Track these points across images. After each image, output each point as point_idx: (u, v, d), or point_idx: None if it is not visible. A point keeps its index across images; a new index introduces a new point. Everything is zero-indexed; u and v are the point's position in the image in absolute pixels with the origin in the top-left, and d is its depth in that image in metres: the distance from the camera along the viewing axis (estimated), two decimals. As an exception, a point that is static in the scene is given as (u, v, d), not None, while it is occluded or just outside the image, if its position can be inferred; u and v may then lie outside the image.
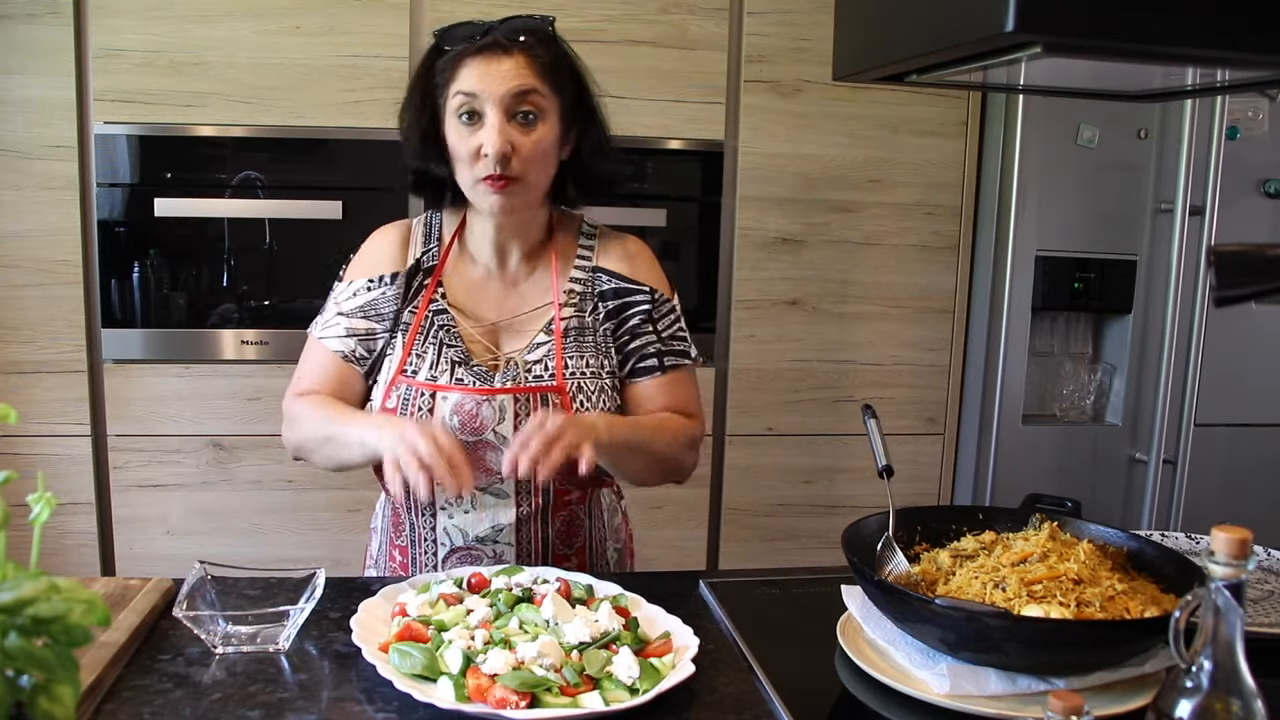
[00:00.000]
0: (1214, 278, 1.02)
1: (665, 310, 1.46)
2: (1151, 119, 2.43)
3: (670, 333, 1.46)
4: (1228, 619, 0.74)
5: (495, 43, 1.29)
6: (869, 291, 2.53)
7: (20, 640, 0.72)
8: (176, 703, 0.98)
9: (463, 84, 1.30)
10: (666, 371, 1.44)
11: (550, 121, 1.32)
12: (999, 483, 2.52)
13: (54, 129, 2.19)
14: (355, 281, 1.42)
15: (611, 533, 1.50)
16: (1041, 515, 1.27)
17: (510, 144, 1.29)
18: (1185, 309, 2.45)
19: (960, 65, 1.02)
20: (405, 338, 1.38)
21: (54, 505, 0.88)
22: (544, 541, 1.40)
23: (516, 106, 1.29)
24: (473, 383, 1.35)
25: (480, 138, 1.29)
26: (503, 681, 0.96)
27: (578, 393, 1.37)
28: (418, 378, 1.36)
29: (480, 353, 1.38)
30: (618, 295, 1.44)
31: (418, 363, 1.37)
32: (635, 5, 2.33)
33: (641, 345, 1.43)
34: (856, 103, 2.44)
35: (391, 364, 1.38)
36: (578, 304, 1.42)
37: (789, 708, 1.00)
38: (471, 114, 1.30)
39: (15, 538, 0.86)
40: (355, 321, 1.41)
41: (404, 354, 1.37)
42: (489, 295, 1.42)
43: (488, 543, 1.38)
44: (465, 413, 1.33)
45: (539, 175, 1.34)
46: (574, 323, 1.40)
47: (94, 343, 2.27)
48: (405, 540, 1.42)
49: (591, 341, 1.41)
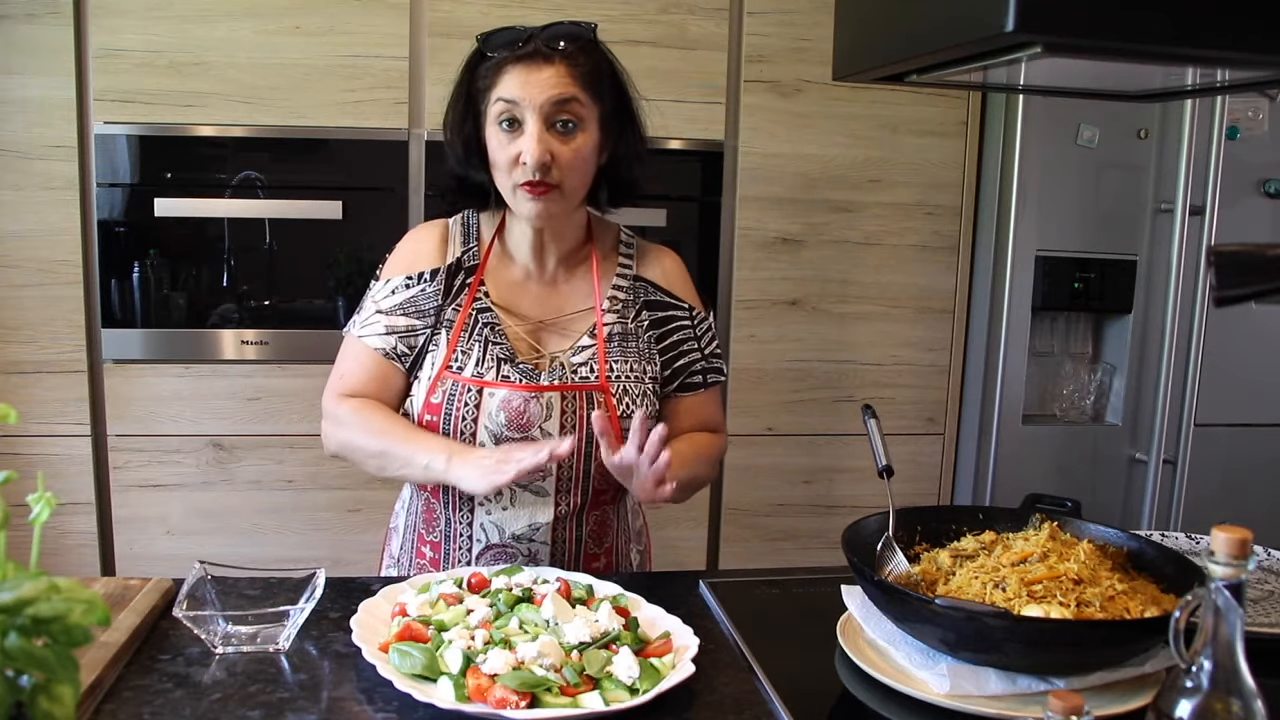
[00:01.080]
0: (1214, 278, 1.02)
1: (705, 328, 1.50)
2: (1151, 119, 2.43)
3: (711, 349, 1.50)
4: (1228, 619, 0.74)
5: (537, 50, 1.30)
6: (869, 291, 2.53)
7: (20, 640, 0.72)
8: (176, 703, 0.98)
9: (504, 91, 1.31)
10: (708, 388, 1.49)
11: (589, 129, 1.34)
12: (999, 483, 2.52)
13: (54, 129, 2.19)
14: (393, 280, 1.43)
15: (634, 535, 1.52)
16: (1041, 515, 1.27)
17: (549, 152, 1.30)
18: (1185, 309, 2.45)
19: (960, 65, 1.02)
20: (450, 334, 1.39)
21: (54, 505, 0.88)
22: (577, 541, 1.41)
23: (556, 115, 1.31)
24: (519, 380, 1.36)
25: (520, 145, 1.30)
26: (503, 681, 0.96)
27: (623, 395, 1.39)
28: (464, 374, 1.37)
29: (524, 351, 1.40)
30: (662, 308, 1.47)
31: (463, 359, 1.38)
32: (635, 5, 2.33)
33: (688, 362, 1.47)
34: (856, 103, 2.44)
35: (435, 360, 1.39)
36: (620, 310, 1.44)
37: (789, 708, 1.00)
38: (512, 121, 1.31)
39: (15, 538, 0.86)
40: (395, 319, 1.41)
41: (449, 350, 1.39)
42: (529, 295, 1.44)
43: (523, 540, 1.38)
44: (512, 409, 1.35)
45: (577, 183, 1.36)
46: (617, 328, 1.42)
47: (94, 343, 2.27)
48: (439, 536, 1.43)
49: (635, 347, 1.43)
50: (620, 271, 1.46)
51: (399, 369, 1.42)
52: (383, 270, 1.45)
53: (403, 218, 2.30)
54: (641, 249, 1.51)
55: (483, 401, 1.35)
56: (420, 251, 1.44)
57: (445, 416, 1.36)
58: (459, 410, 1.35)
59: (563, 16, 2.28)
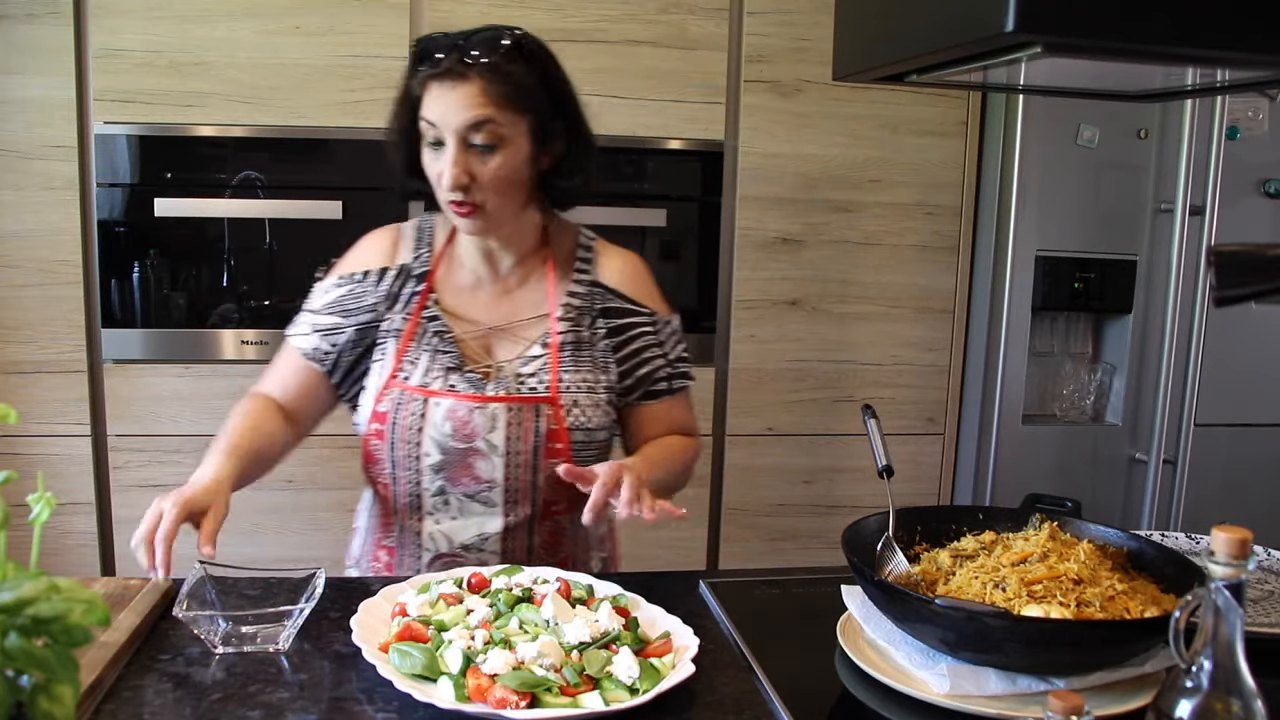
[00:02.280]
0: (1214, 278, 1.02)
1: (670, 332, 1.47)
2: (1151, 119, 2.43)
3: (676, 354, 1.47)
4: (1228, 619, 0.74)
5: (452, 68, 1.26)
6: (869, 291, 2.53)
7: (20, 640, 0.72)
8: (176, 703, 0.98)
9: (426, 110, 1.29)
10: (674, 394, 1.47)
11: (513, 146, 1.30)
12: (999, 483, 2.52)
13: (54, 129, 2.19)
14: (327, 280, 1.43)
15: (596, 543, 1.50)
16: (1041, 515, 1.27)
17: (468, 173, 1.28)
18: (1185, 309, 2.45)
19: (960, 65, 1.02)
20: (398, 343, 1.37)
21: (54, 505, 0.88)
22: (528, 551, 1.39)
23: (473, 136, 1.27)
24: (466, 389, 1.34)
25: (441, 165, 1.28)
26: (503, 681, 0.96)
27: (573, 406, 1.36)
28: (410, 383, 1.35)
29: (474, 357, 1.38)
30: (620, 315, 1.43)
31: (410, 368, 1.36)
32: (635, 5, 2.33)
33: (652, 370, 1.45)
34: (856, 103, 2.44)
35: (383, 369, 1.38)
36: (575, 318, 1.41)
37: (789, 708, 1.00)
38: (437, 141, 1.29)
39: (15, 538, 0.86)
40: (321, 318, 1.40)
41: (396, 360, 1.37)
42: (480, 301, 1.41)
43: (472, 550, 1.37)
44: (457, 419, 1.33)
45: (502, 201, 1.32)
46: (570, 336, 1.39)
47: (94, 343, 2.27)
48: (393, 540, 1.42)
49: (589, 355, 1.40)
50: (577, 278, 1.43)
51: (319, 371, 1.40)
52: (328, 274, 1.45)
53: (403, 218, 2.28)
54: (600, 253, 1.46)
55: (428, 411, 1.33)
56: (363, 254, 1.43)
57: (391, 426, 1.34)
58: (404, 420, 1.34)
59: (561, 16, 2.30)
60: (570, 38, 2.31)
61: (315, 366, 1.40)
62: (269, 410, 1.37)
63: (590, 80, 2.38)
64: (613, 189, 2.39)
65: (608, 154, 2.37)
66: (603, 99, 2.35)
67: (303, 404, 1.41)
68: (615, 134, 2.36)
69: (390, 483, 1.38)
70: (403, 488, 1.37)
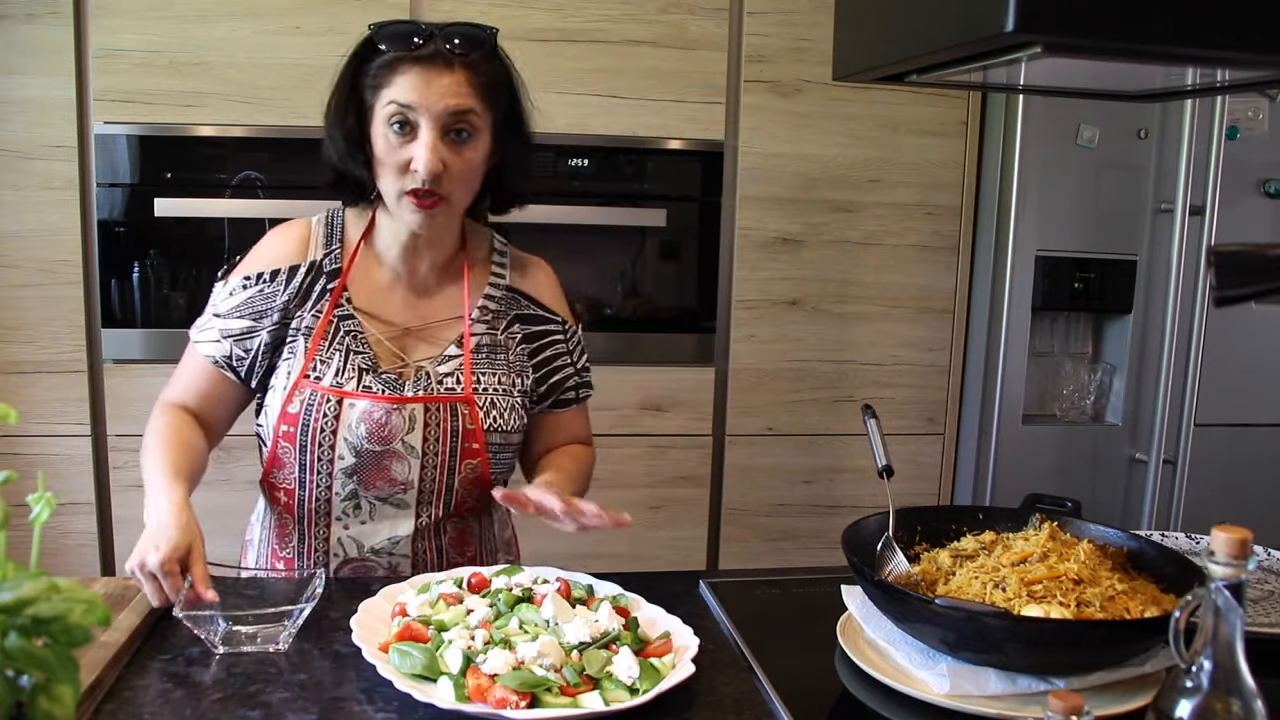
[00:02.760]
0: (1214, 278, 1.02)
1: (576, 342, 1.49)
2: (1151, 119, 2.43)
3: (582, 364, 1.50)
4: (1228, 619, 0.74)
5: (437, 53, 1.24)
6: (869, 291, 2.53)
7: (20, 640, 0.72)
8: (176, 703, 0.98)
9: (398, 93, 1.24)
10: (580, 402, 1.50)
11: (482, 140, 1.29)
12: (999, 483, 2.52)
13: (54, 129, 2.19)
14: (231, 281, 1.37)
15: (502, 545, 1.49)
16: (1041, 515, 1.27)
17: (441, 161, 1.25)
18: (1185, 309, 2.45)
19: (960, 65, 1.02)
20: (308, 343, 1.33)
21: (54, 505, 0.88)
22: (438, 551, 1.38)
23: (452, 124, 1.25)
24: (382, 390, 1.32)
25: (411, 151, 1.25)
26: (503, 681, 0.96)
27: (491, 408, 1.35)
28: (322, 383, 1.32)
29: (387, 358, 1.35)
30: (534, 321, 1.44)
31: (322, 368, 1.32)
32: (635, 5, 2.33)
33: (563, 379, 1.46)
34: (856, 103, 2.44)
35: (292, 369, 1.33)
36: (490, 320, 1.40)
37: (789, 708, 1.00)
38: (404, 124, 1.25)
39: (15, 538, 0.86)
40: (231, 322, 1.36)
41: (306, 359, 1.33)
42: (396, 300, 1.38)
43: (383, 554, 1.36)
44: (374, 421, 1.31)
45: (465, 194, 1.31)
46: (486, 339, 1.39)
47: (94, 343, 2.27)
48: (291, 552, 1.39)
49: (504, 359, 1.39)
50: (492, 281, 1.42)
51: (230, 379, 1.36)
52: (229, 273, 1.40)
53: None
54: (515, 259, 1.46)
55: (342, 412, 1.30)
56: (269, 252, 1.38)
57: (303, 428, 1.31)
58: (317, 421, 1.30)
59: (561, 17, 2.30)
60: (570, 38, 2.32)
61: (227, 374, 1.36)
62: (187, 423, 1.35)
63: (590, 80, 2.40)
64: (613, 189, 2.39)
65: (608, 154, 2.37)
66: (603, 99, 2.35)
67: (215, 410, 1.39)
68: (615, 134, 2.36)
69: (295, 487, 1.35)
70: (310, 492, 1.34)
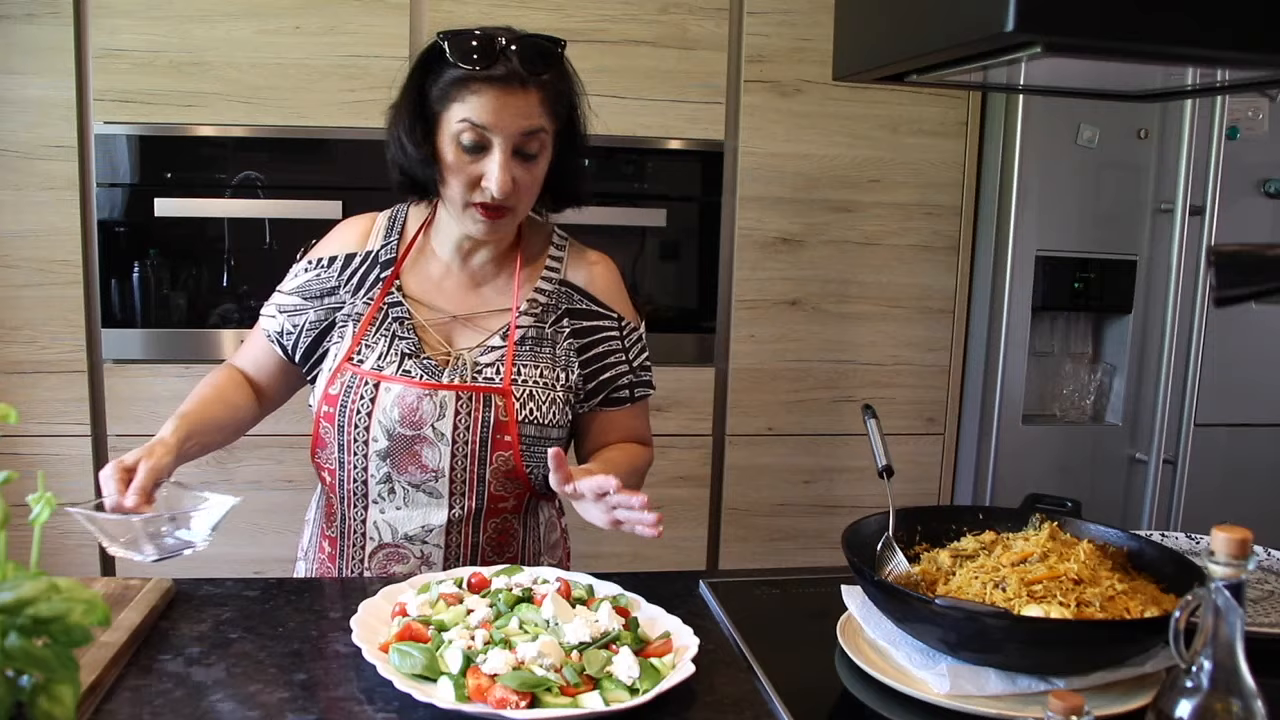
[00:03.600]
0: (1214, 278, 1.02)
1: (634, 340, 1.47)
2: (1151, 119, 2.43)
3: (640, 362, 1.47)
4: (1228, 619, 0.74)
5: (512, 74, 1.25)
6: (869, 291, 2.53)
7: (20, 640, 0.72)
8: (176, 703, 0.98)
9: (471, 112, 1.26)
10: (636, 402, 1.47)
11: (548, 152, 1.33)
12: (999, 483, 2.53)
13: (54, 129, 2.19)
14: (300, 264, 1.46)
15: (548, 549, 1.48)
16: (1041, 515, 1.27)
17: (512, 180, 1.28)
18: (1185, 309, 2.45)
19: (960, 65, 1.01)
20: (356, 327, 1.38)
21: (54, 505, 0.88)
22: (474, 547, 1.38)
23: (524, 145, 1.28)
24: (420, 375, 1.34)
25: (482, 168, 1.28)
26: (503, 681, 0.96)
27: (528, 400, 1.35)
28: (363, 366, 1.35)
29: (434, 345, 1.38)
30: (586, 317, 1.43)
31: (366, 352, 1.36)
32: (635, 5, 2.33)
33: (614, 376, 1.44)
34: (856, 103, 2.44)
35: (339, 352, 1.38)
36: (539, 314, 1.40)
37: (789, 708, 1.00)
38: (477, 144, 1.27)
39: (15, 538, 0.86)
40: (286, 299, 1.44)
41: (353, 343, 1.37)
42: (447, 290, 1.41)
43: (416, 542, 1.37)
44: (406, 405, 1.33)
45: (529, 204, 1.35)
46: (532, 332, 1.39)
47: (94, 343, 2.27)
48: (335, 531, 1.42)
49: (549, 353, 1.39)
50: (545, 275, 1.43)
51: (277, 354, 1.43)
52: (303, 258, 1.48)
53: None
54: (573, 253, 1.46)
55: (378, 396, 1.33)
56: (335, 240, 1.46)
57: (341, 409, 1.34)
58: (354, 403, 1.34)
59: (561, 17, 2.30)
60: (570, 38, 2.27)
61: (276, 347, 1.43)
62: (235, 382, 1.42)
63: (590, 80, 2.38)
64: (613, 189, 2.39)
65: (608, 154, 2.37)
66: (603, 99, 2.34)
67: (270, 380, 1.46)
68: (615, 134, 2.35)
69: (337, 468, 1.38)
70: (349, 473, 1.37)
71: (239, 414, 1.39)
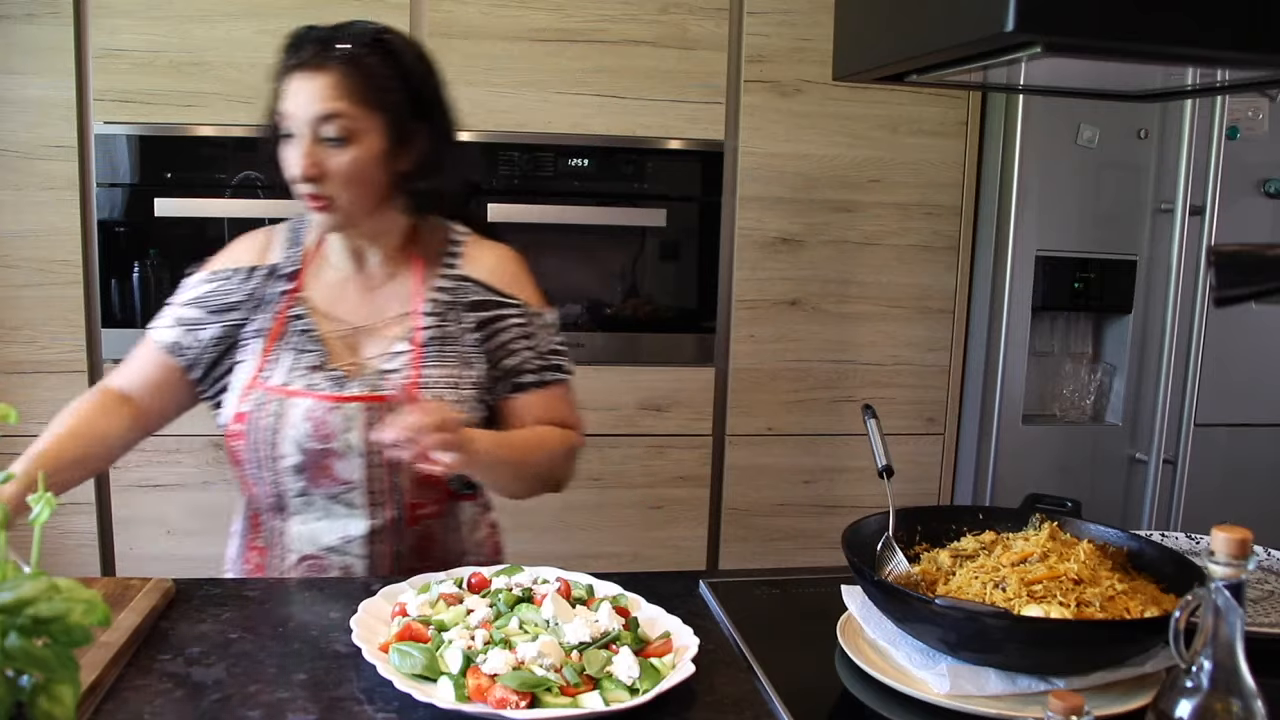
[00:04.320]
0: (1214, 278, 1.02)
1: (540, 325, 1.43)
2: (1151, 119, 2.43)
3: (550, 348, 1.43)
4: (1228, 619, 0.74)
5: (312, 58, 1.27)
6: (869, 291, 2.53)
7: (20, 640, 0.72)
8: (176, 703, 0.98)
9: (283, 102, 1.29)
10: (545, 386, 1.42)
11: (367, 141, 1.29)
12: (999, 483, 2.52)
13: (54, 129, 2.19)
14: (195, 276, 1.43)
15: (473, 547, 1.46)
16: (1041, 515, 1.27)
17: (317, 165, 1.27)
18: (1185, 309, 2.45)
19: (960, 65, 1.02)
20: (263, 343, 1.36)
21: (54, 505, 0.88)
22: (395, 556, 1.37)
23: (323, 129, 1.27)
24: (328, 388, 1.32)
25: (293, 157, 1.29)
26: (503, 681, 0.96)
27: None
28: (270, 383, 1.34)
29: (340, 356, 1.36)
30: (488, 307, 1.40)
31: (272, 368, 1.34)
32: (635, 5, 2.33)
33: (519, 362, 1.41)
34: (856, 103, 2.44)
35: (248, 370, 1.36)
36: (441, 313, 1.38)
37: (789, 708, 1.00)
38: (287, 132, 1.29)
39: (15, 538, 0.86)
40: (184, 310, 1.39)
41: (260, 360, 1.35)
42: (347, 298, 1.40)
43: (336, 552, 1.36)
44: (315, 419, 1.31)
45: (354, 196, 1.31)
46: (436, 332, 1.37)
47: (94, 343, 2.27)
48: (262, 541, 1.41)
49: (455, 351, 1.38)
50: (444, 272, 1.40)
51: (176, 368, 1.38)
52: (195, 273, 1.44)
53: (403, 218, 2.30)
54: (472, 248, 1.44)
55: (286, 411, 1.31)
56: (235, 253, 1.44)
57: (251, 426, 1.33)
58: (263, 420, 1.32)
59: (561, 17, 2.30)
60: (570, 38, 2.32)
61: (174, 361, 1.38)
62: (103, 409, 1.35)
63: (590, 80, 2.40)
64: (613, 189, 2.39)
65: (608, 154, 2.38)
66: (603, 99, 2.35)
67: (156, 399, 1.39)
68: (615, 134, 2.36)
69: (255, 483, 1.37)
70: (266, 488, 1.36)
71: (107, 443, 1.34)
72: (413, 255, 1.41)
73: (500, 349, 1.41)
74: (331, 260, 1.42)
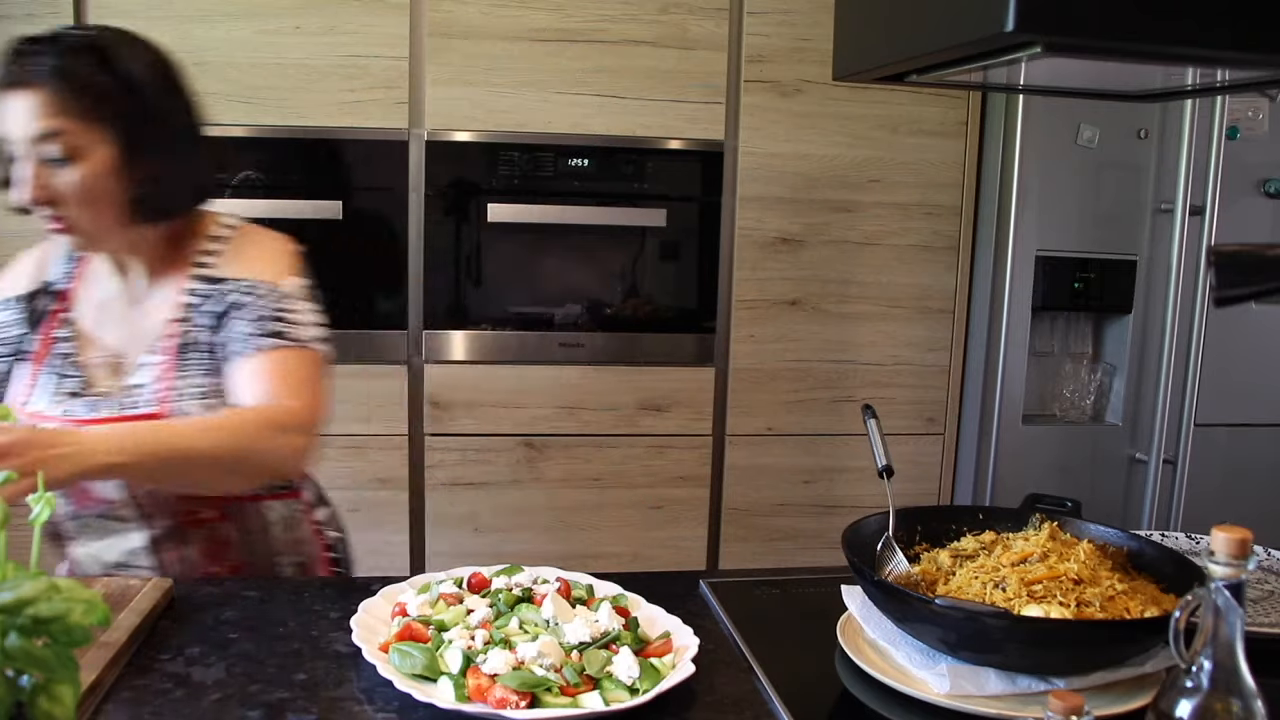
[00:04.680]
0: (1214, 278, 1.02)
1: (264, 293, 1.30)
2: (1151, 119, 2.43)
3: (268, 314, 1.29)
4: (1228, 619, 0.74)
5: (16, 77, 1.19)
6: (869, 291, 2.53)
7: (20, 640, 0.72)
8: (176, 703, 0.98)
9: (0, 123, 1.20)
10: (254, 355, 1.27)
11: (95, 156, 1.21)
12: (999, 483, 2.53)
13: (54, 129, 2.18)
14: None
15: (289, 546, 1.40)
16: (1041, 515, 1.27)
17: (46, 189, 1.20)
18: (1185, 309, 2.45)
19: (960, 65, 1.02)
20: (30, 368, 1.31)
21: (54, 505, 0.88)
22: (184, 561, 1.33)
23: (44, 149, 1.19)
24: (81, 413, 1.27)
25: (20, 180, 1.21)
26: (503, 681, 0.96)
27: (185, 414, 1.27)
28: (28, 409, 1.28)
29: (100, 379, 1.30)
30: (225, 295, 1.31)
31: (35, 394, 1.29)
32: (635, 5, 2.33)
33: (234, 335, 1.29)
34: (856, 103, 2.44)
35: (14, 397, 1.31)
36: (190, 318, 1.30)
37: (789, 708, 1.00)
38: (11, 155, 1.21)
39: (15, 538, 0.86)
40: None
41: (25, 386, 1.31)
42: (114, 314, 1.34)
43: (125, 568, 1.32)
44: None
45: (93, 215, 1.24)
46: (186, 339, 1.30)
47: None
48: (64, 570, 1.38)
49: (205, 357, 1.30)
50: (197, 272, 1.32)
51: None
52: None
53: (403, 218, 2.30)
54: (236, 241, 1.35)
55: None
56: (12, 278, 1.37)
57: None
58: None
59: (561, 17, 2.30)
60: (570, 38, 2.32)
61: None
62: None
63: (590, 80, 2.40)
64: (613, 189, 2.39)
65: (608, 154, 2.38)
66: (603, 99, 2.35)
67: None
68: (615, 134, 2.36)
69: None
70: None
71: None
72: (176, 262, 1.34)
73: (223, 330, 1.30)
74: (101, 277, 1.35)
